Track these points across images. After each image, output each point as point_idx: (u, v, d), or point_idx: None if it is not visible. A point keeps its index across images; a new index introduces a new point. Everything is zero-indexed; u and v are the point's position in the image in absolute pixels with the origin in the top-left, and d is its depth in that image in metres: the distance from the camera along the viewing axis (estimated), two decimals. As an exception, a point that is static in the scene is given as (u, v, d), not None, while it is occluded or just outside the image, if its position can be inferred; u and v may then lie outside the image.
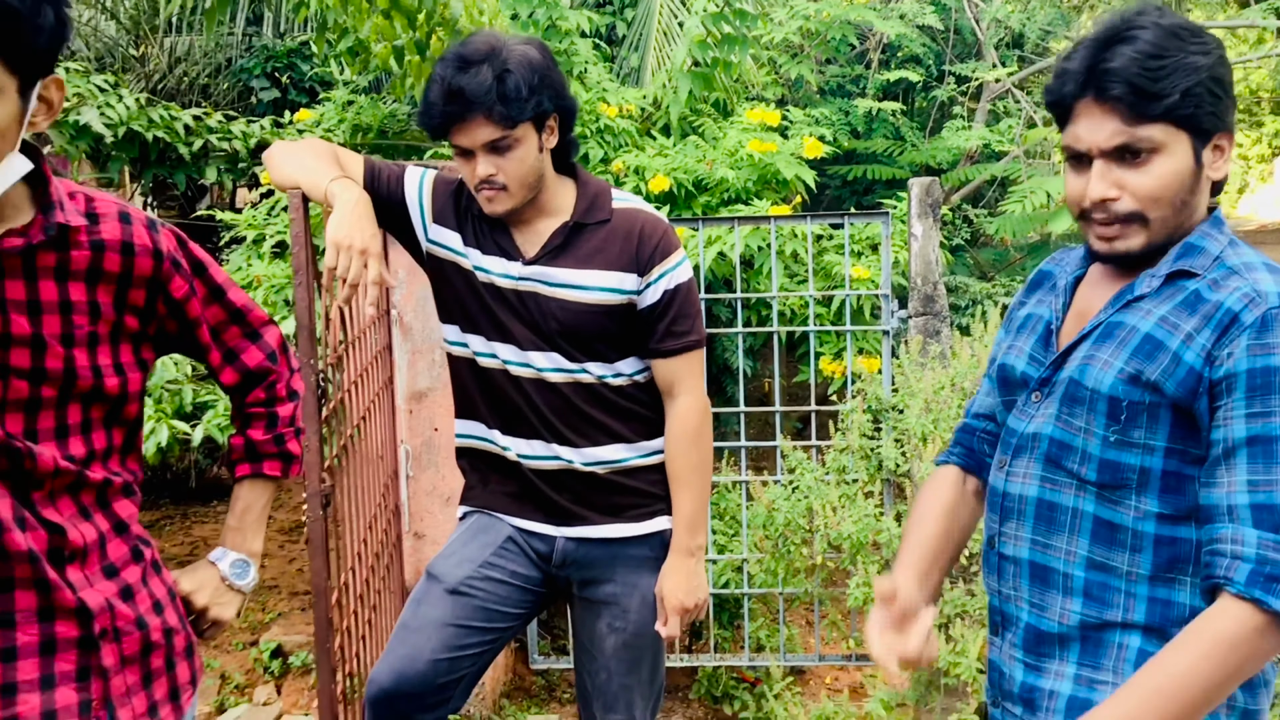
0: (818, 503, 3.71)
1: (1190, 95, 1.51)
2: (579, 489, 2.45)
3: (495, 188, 2.28)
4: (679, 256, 2.42)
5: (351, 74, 5.65)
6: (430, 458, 3.96)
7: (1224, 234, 1.62)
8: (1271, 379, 1.46)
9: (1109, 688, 1.59)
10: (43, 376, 1.58)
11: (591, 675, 2.54)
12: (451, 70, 2.22)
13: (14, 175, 1.51)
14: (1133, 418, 1.55)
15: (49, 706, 1.58)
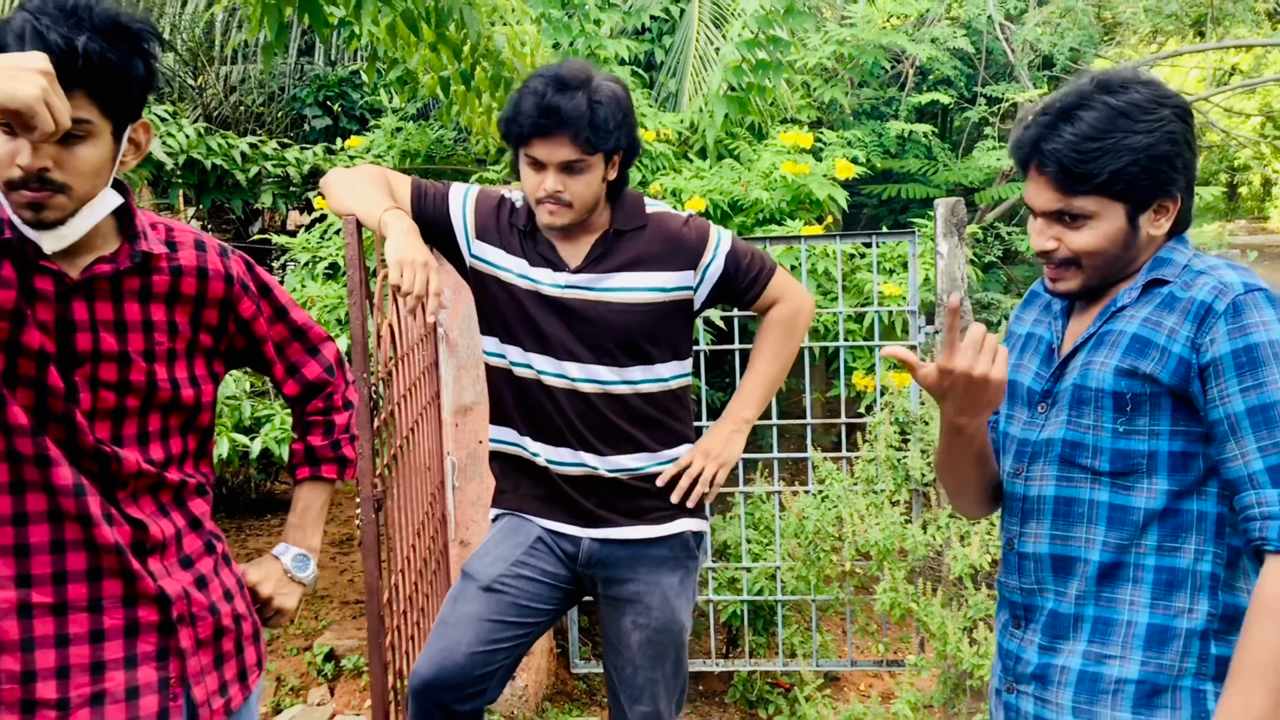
0: (846, 511, 3.85)
1: (1121, 175, 1.71)
2: (604, 494, 2.60)
3: (560, 204, 2.46)
4: (714, 230, 2.62)
5: (400, 102, 5.87)
6: (475, 469, 4.14)
7: (1188, 248, 1.80)
8: (1255, 354, 1.64)
9: (1117, 662, 1.75)
10: (127, 388, 1.77)
11: (618, 669, 2.68)
12: (550, 88, 2.39)
13: (106, 208, 1.71)
14: (1136, 407, 1.73)
15: (132, 683, 1.77)
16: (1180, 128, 1.73)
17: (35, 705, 1.71)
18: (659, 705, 2.68)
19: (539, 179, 2.46)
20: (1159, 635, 1.74)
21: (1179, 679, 1.73)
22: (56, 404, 1.70)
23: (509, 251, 2.59)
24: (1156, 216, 1.77)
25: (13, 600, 1.70)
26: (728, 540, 4.48)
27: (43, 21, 1.58)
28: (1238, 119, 19.93)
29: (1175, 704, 1.72)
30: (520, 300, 2.57)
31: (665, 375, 2.59)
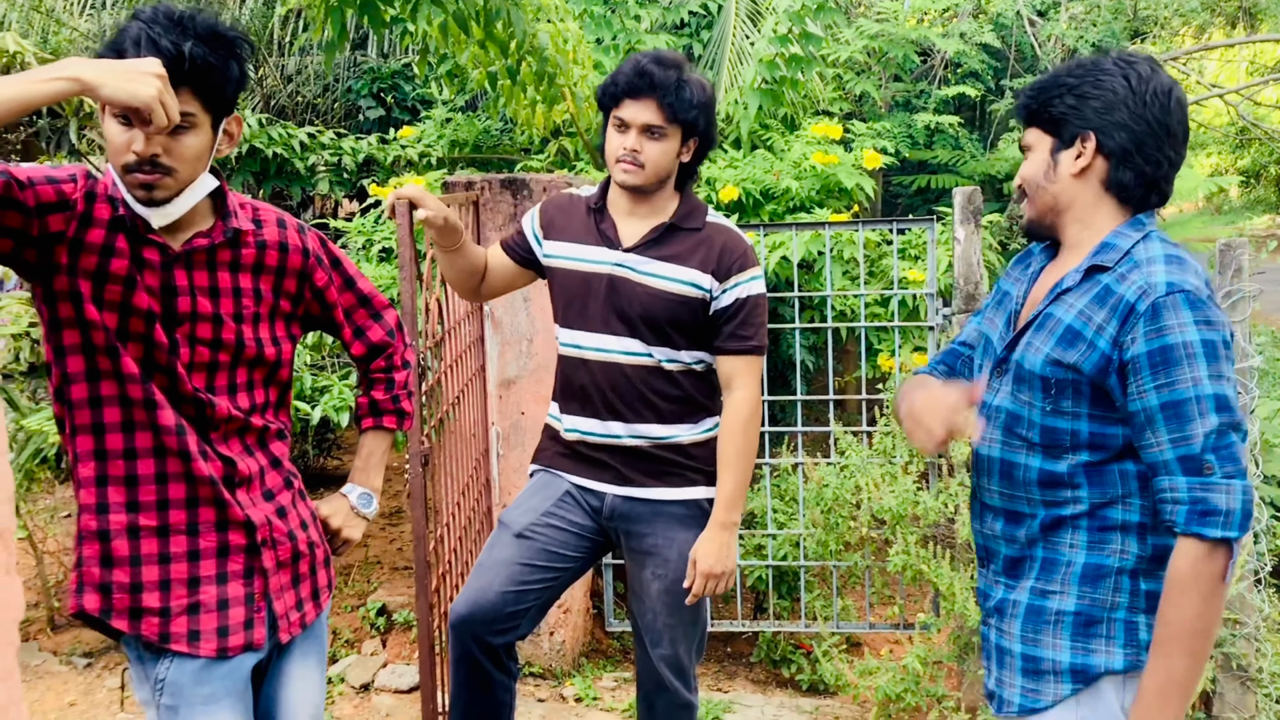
0: (864, 480, 4.11)
1: (1048, 104, 2.02)
2: (626, 458, 2.88)
3: (635, 163, 2.75)
4: (755, 273, 2.85)
5: (450, 94, 6.16)
6: (518, 438, 4.43)
7: (1139, 231, 1.99)
8: (1169, 355, 1.85)
9: (1058, 596, 2.02)
10: (219, 345, 2.08)
11: (640, 615, 2.96)
12: (648, 59, 2.74)
13: (205, 190, 2.03)
14: (1061, 391, 1.98)
15: (223, 596, 2.08)
16: (1118, 84, 1.96)
17: (141, 612, 2.03)
18: (677, 649, 2.95)
19: (621, 139, 2.76)
20: (1094, 573, 1.99)
21: (1112, 611, 1.98)
22: (161, 356, 2.01)
23: (571, 239, 2.89)
24: (1074, 157, 2.00)
25: (124, 523, 2.02)
26: (754, 510, 4.75)
27: (155, 30, 1.89)
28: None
29: (1109, 633, 1.98)
30: (573, 283, 2.86)
31: (688, 360, 2.85)
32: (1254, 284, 4.69)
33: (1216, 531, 1.83)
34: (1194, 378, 1.84)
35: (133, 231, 1.99)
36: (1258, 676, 4.54)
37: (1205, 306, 1.86)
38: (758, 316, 2.84)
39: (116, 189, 1.98)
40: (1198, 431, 1.84)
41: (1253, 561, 4.56)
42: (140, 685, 2.09)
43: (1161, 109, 1.96)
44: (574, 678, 4.46)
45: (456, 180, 4.39)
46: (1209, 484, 1.84)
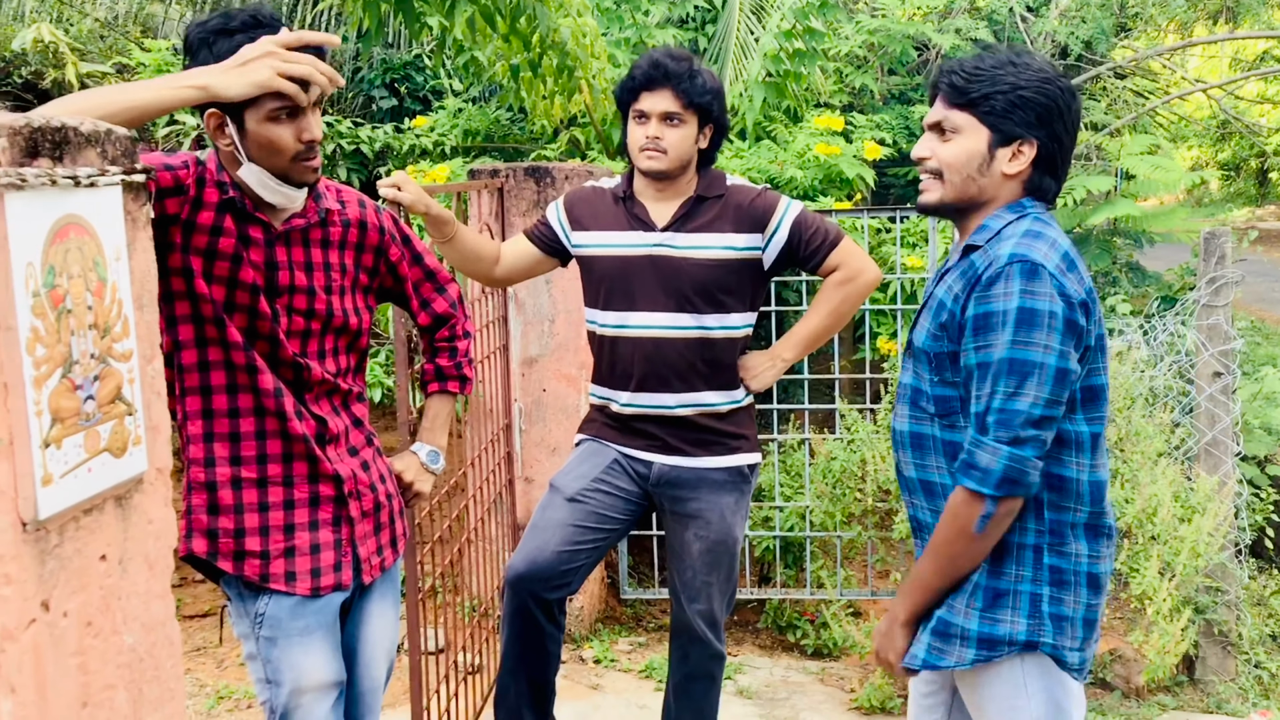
0: (869, 453, 4.35)
1: (991, 99, 2.07)
2: (676, 428, 3.10)
3: (659, 149, 2.97)
4: (783, 201, 3.08)
5: (465, 85, 6.35)
6: (539, 414, 4.65)
7: (1015, 214, 2.11)
8: (988, 320, 2.00)
9: (1015, 579, 2.15)
10: (313, 315, 2.31)
11: (679, 574, 3.18)
12: (662, 54, 2.98)
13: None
14: (940, 364, 2.15)
15: (315, 541, 2.30)
16: (1055, 93, 2.06)
17: (244, 555, 2.25)
18: (713, 605, 3.18)
19: (643, 129, 2.99)
20: (1000, 548, 2.12)
21: (1018, 584, 2.11)
22: (264, 325, 2.23)
23: (603, 229, 3.10)
24: (1012, 157, 2.10)
25: (228, 475, 2.24)
26: (762, 484, 4.98)
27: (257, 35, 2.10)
28: (1266, 106, 20.15)
29: (1015, 604, 2.11)
30: (612, 268, 3.08)
31: (736, 324, 3.07)
32: (1236, 271, 4.94)
33: (972, 484, 2.01)
34: (1000, 342, 1.98)
35: (240, 212, 2.20)
36: (1237, 642, 4.80)
37: (1037, 278, 1.97)
38: (814, 222, 3.05)
39: (224, 173, 2.20)
40: (988, 392, 2.00)
41: (1233, 534, 4.82)
42: (240, 620, 2.31)
43: (1077, 124, 2.11)
44: (592, 641, 4.70)
45: (482, 169, 4.60)
46: (981, 442, 2.00)
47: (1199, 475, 4.73)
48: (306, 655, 2.29)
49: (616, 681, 4.37)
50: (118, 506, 1.52)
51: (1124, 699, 4.50)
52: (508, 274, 3.23)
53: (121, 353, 1.51)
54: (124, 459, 1.52)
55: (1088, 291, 2.06)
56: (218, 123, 2.13)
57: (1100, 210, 6.28)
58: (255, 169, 2.16)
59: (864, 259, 3.10)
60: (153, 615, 1.61)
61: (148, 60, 5.96)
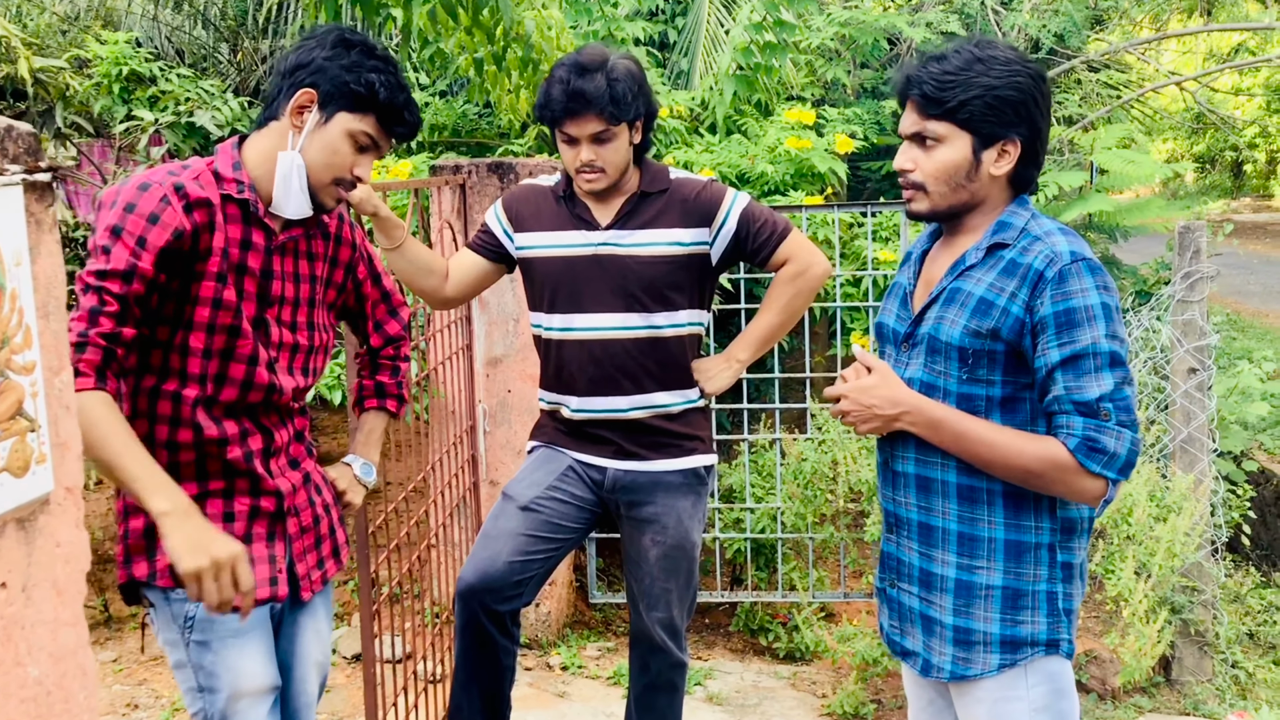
0: (841, 454, 4.26)
1: (969, 105, 2.04)
2: (629, 432, 3.01)
3: (595, 170, 2.87)
4: (730, 193, 3.00)
5: (430, 79, 6.24)
6: (504, 415, 4.55)
7: (1027, 210, 2.13)
8: (1072, 316, 2.00)
9: (985, 571, 2.13)
10: (295, 328, 2.24)
11: (638, 581, 3.09)
12: (572, 75, 2.81)
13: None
14: (977, 361, 2.10)
15: (250, 555, 2.19)
16: (1029, 84, 2.04)
17: None
18: (673, 612, 3.09)
19: (575, 152, 2.87)
20: (1015, 549, 2.11)
21: (1035, 584, 2.11)
22: (244, 347, 2.15)
23: (544, 229, 3.00)
24: (998, 157, 2.08)
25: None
26: (733, 484, 4.90)
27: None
28: (1242, 99, 20.22)
29: (1034, 604, 2.11)
30: (556, 269, 2.98)
31: (685, 321, 2.99)
32: (1211, 265, 4.88)
33: (1098, 467, 1.99)
34: (1094, 337, 1.98)
35: (249, 215, 2.14)
36: (1214, 642, 4.74)
37: (1103, 273, 2.02)
38: (760, 215, 2.98)
39: (241, 170, 2.14)
40: (1095, 383, 1.98)
41: (1210, 532, 4.76)
42: (166, 627, 2.19)
43: (1049, 108, 2.09)
44: (559, 647, 4.60)
45: (444, 164, 4.50)
46: (1103, 426, 1.98)
47: (1175, 473, 4.66)
48: (243, 658, 2.19)
49: (583, 689, 4.28)
50: (20, 530, 1.41)
51: (1099, 701, 4.43)
52: (458, 290, 3.11)
53: (23, 365, 1.41)
54: (26, 479, 1.41)
55: None
56: (307, 102, 2.14)
57: (1074, 206, 6.21)
58: (298, 161, 2.14)
59: (813, 251, 3.04)
60: (61, 644, 1.50)
61: (105, 53, 5.82)
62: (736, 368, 3.10)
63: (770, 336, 3.12)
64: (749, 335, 3.11)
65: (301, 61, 2.16)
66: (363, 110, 2.14)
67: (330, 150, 2.14)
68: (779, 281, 3.05)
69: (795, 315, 3.10)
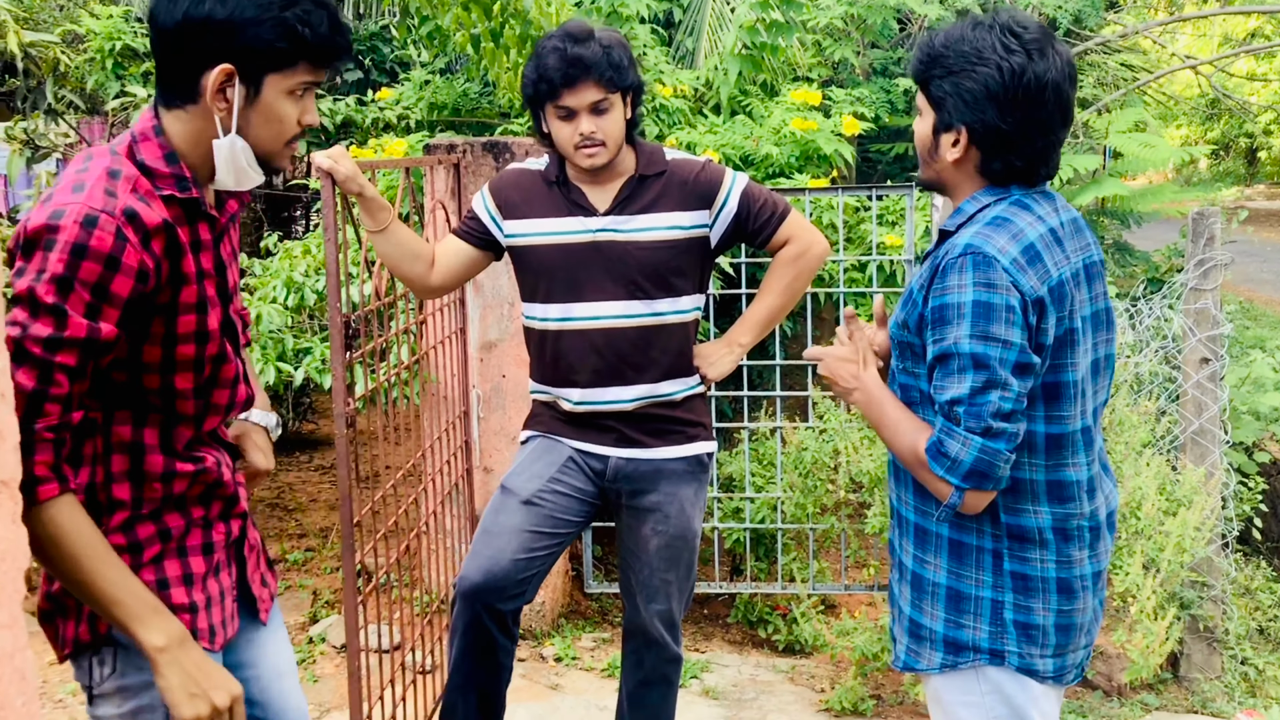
0: (842, 444, 4.16)
1: (930, 83, 2.00)
2: (629, 420, 2.91)
3: (596, 144, 2.75)
4: (728, 174, 2.90)
5: (430, 57, 6.12)
6: (499, 401, 4.45)
7: (993, 196, 2.01)
8: (944, 313, 1.92)
9: (932, 567, 2.07)
10: (244, 322, 2.03)
11: (636, 572, 2.99)
12: (566, 43, 2.71)
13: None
14: (903, 353, 2.08)
15: (222, 587, 1.97)
16: (996, 78, 1.90)
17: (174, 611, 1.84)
18: (671, 604, 3.00)
19: (573, 126, 2.75)
20: (957, 549, 2.04)
21: (979, 590, 2.03)
22: (229, 370, 1.92)
23: (536, 216, 2.88)
24: (951, 144, 2.00)
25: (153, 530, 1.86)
26: (733, 473, 4.79)
27: None
28: (1258, 85, 20.00)
29: (977, 610, 2.03)
30: (552, 258, 2.86)
31: (686, 307, 2.89)
32: (1225, 253, 4.76)
33: (940, 470, 1.94)
34: (956, 336, 1.90)
35: (198, 212, 1.83)
36: (1223, 638, 4.64)
37: (991, 269, 1.88)
38: (760, 195, 2.91)
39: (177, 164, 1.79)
40: (953, 384, 1.91)
41: (1220, 526, 4.65)
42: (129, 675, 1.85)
43: (1032, 103, 1.92)
44: (553, 638, 4.51)
45: (438, 143, 4.39)
46: (952, 431, 1.92)
47: (1185, 466, 4.55)
48: None
49: (577, 681, 4.19)
50: (-56, 529, 1.31)
51: (1105, 698, 4.34)
52: (444, 279, 2.99)
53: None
54: (-50, 474, 1.31)
55: (1053, 286, 1.93)
56: (226, 79, 1.75)
57: (1087, 190, 6.08)
58: (240, 144, 1.79)
59: (813, 231, 2.96)
60: (-6, 650, 1.40)
61: (98, 28, 5.71)
62: (738, 352, 3.01)
63: (771, 319, 3.03)
64: (750, 319, 3.02)
65: (201, 30, 1.74)
66: (291, 64, 1.79)
67: (272, 119, 1.81)
68: (779, 263, 2.96)
69: (796, 296, 3.02)
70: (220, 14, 1.73)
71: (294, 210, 9.49)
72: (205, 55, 1.74)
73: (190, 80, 1.76)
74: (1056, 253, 1.95)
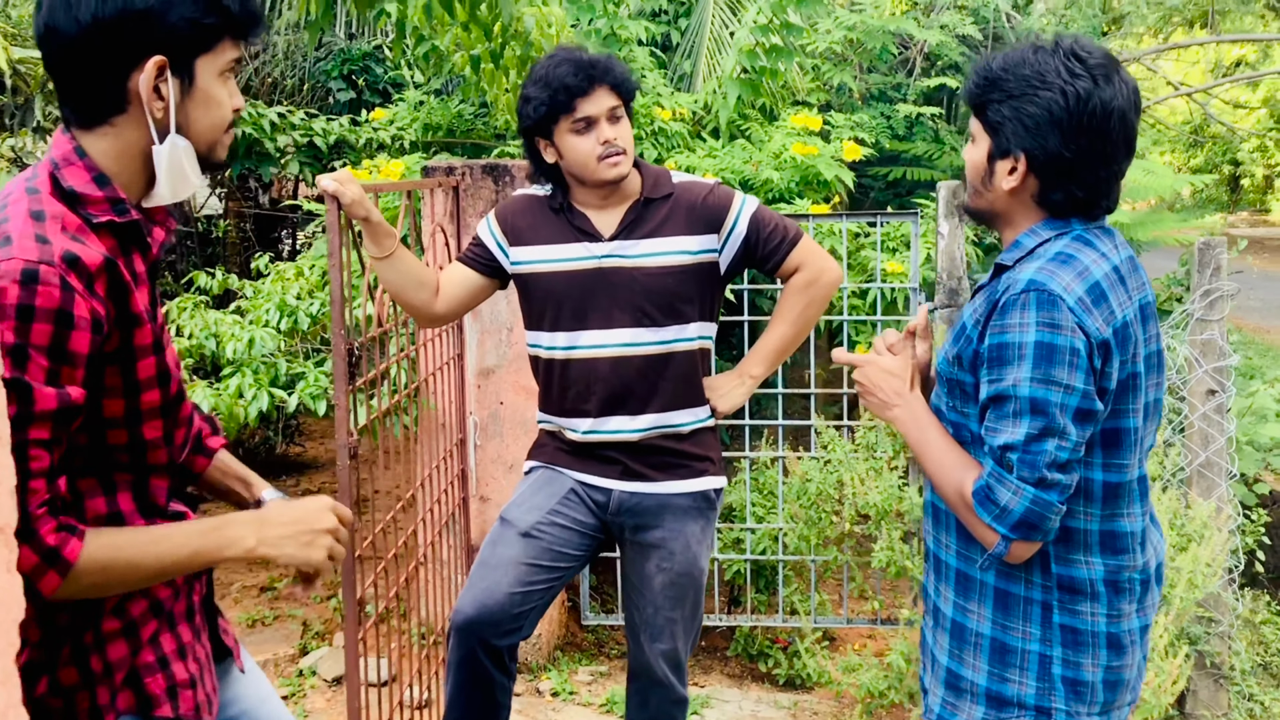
0: (848, 475, 4.07)
1: (986, 106, 1.90)
2: (634, 452, 2.83)
3: (617, 152, 2.69)
4: (738, 197, 2.84)
5: (425, 77, 6.05)
6: (496, 428, 4.36)
7: (1053, 230, 1.90)
8: (1003, 352, 1.82)
9: (975, 616, 1.97)
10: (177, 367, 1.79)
11: (640, 610, 2.91)
12: (575, 53, 2.69)
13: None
14: (953, 391, 1.97)
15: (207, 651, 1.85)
16: (1060, 104, 1.81)
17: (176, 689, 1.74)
18: (677, 643, 2.91)
19: (593, 137, 2.68)
20: (1003, 598, 1.94)
21: (1026, 642, 1.92)
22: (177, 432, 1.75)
23: (542, 242, 2.81)
24: (1008, 172, 1.90)
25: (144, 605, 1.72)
26: (733, 503, 4.71)
27: None
28: (1242, 112, 20.13)
29: (1023, 664, 1.93)
30: (558, 285, 2.78)
31: (694, 334, 2.81)
32: (1232, 284, 4.71)
33: (988, 518, 1.84)
34: (1016, 378, 1.80)
35: (137, 239, 1.65)
36: (1230, 674, 4.56)
37: (1056, 309, 1.78)
38: (771, 219, 2.84)
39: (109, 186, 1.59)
40: (1007, 429, 1.82)
41: (1228, 560, 4.58)
42: None
43: (1098, 132, 1.83)
44: (550, 672, 4.41)
45: (436, 165, 4.31)
46: (1003, 478, 1.82)
47: (1194, 500, 4.48)
48: None
49: (574, 717, 4.08)
50: (-63, 583, 1.22)
51: (1113, 736, 4.25)
52: (449, 307, 2.91)
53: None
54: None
55: (1118, 328, 1.83)
56: (159, 72, 1.57)
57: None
58: (182, 144, 1.63)
59: (825, 257, 2.89)
60: (-13, 712, 1.31)
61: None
62: (750, 384, 2.94)
63: (784, 349, 2.96)
64: (762, 350, 2.94)
65: (118, 26, 1.54)
66: (218, 39, 1.63)
67: (211, 106, 1.65)
68: (791, 291, 2.89)
69: (809, 326, 2.95)
70: (136, 3, 1.55)
71: (280, 230, 9.40)
72: (128, 53, 1.56)
73: (114, 88, 1.58)
74: (1120, 292, 1.85)
